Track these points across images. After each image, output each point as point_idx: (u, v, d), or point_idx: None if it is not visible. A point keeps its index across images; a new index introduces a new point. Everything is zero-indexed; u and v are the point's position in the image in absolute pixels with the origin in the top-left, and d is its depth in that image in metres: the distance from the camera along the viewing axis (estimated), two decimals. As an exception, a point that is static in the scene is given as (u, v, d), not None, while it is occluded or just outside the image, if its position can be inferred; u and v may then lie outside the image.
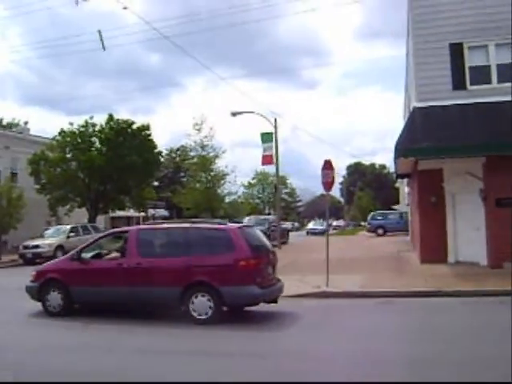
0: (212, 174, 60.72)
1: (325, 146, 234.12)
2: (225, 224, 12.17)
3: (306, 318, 11.34)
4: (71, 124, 40.29)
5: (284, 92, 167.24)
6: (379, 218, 46.05)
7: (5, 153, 42.54)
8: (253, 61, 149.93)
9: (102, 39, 17.29)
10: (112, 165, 38.12)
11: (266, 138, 33.94)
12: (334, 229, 73.37)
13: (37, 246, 30.14)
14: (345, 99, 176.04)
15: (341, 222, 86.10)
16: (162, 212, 72.30)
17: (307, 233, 62.98)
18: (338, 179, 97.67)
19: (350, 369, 7.32)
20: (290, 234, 47.36)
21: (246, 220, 40.30)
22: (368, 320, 10.96)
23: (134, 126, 40.02)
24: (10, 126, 63.10)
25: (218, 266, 10.85)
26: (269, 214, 78.80)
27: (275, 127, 33.95)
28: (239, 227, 11.75)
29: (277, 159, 34.36)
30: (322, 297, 13.36)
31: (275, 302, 11.74)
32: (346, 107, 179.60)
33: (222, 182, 61.89)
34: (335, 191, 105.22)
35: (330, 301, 13.11)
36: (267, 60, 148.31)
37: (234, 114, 34.72)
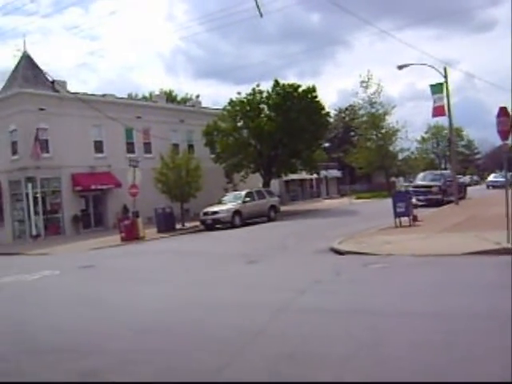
0: (383, 131, 59.74)
1: (506, 92, 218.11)
2: None
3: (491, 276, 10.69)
4: (239, 93, 41.58)
5: (455, 38, 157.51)
6: None
7: (180, 126, 45.03)
8: (417, 8, 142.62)
9: (258, 6, 17.29)
10: (281, 129, 38.64)
11: (436, 88, 32.29)
12: (518, 180, 68.62)
13: (216, 212, 31.50)
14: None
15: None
16: (335, 173, 72.28)
17: (487, 186, 59.63)
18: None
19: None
20: (469, 188, 45.09)
21: (420, 176, 39.12)
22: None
23: (300, 90, 40.06)
24: (184, 100, 66.36)
25: None
26: (445, 168, 75.83)
27: (445, 77, 32.20)
28: None
29: (449, 110, 32.65)
30: (503, 254, 12.47)
31: None
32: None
33: (394, 138, 60.69)
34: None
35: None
36: (433, 5, 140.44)
37: (400, 67, 33.39)
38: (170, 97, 63.90)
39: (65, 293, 13.15)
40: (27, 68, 37.81)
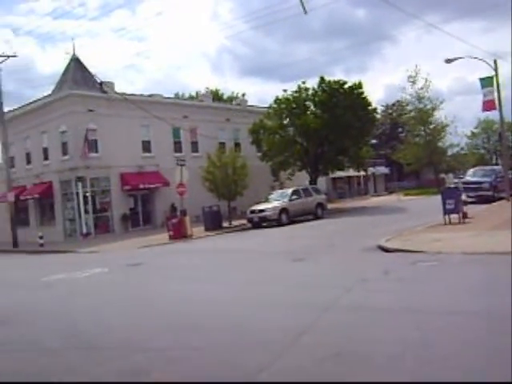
0: (431, 126, 58.83)
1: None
2: None
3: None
4: (285, 91, 41.47)
5: (505, 29, 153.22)
6: None
7: (227, 125, 45.26)
8: (464, 0, 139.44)
9: (302, 2, 17.18)
10: (327, 126, 38.40)
11: (486, 82, 31.51)
12: None
13: (262, 210, 31.51)
14: None
15: None
16: (382, 170, 71.57)
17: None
18: None
19: None
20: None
21: (471, 172, 38.35)
22: None
23: (346, 86, 39.72)
24: (230, 99, 66.61)
25: None
26: (496, 164, 74.16)
27: (495, 70, 31.42)
28: None
29: (500, 104, 31.86)
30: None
31: None
32: None
33: (443, 134, 59.70)
34: None
35: None
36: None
37: (448, 61, 32.71)
38: (216, 96, 64.18)
39: (113, 290, 13.38)
40: (76, 70, 38.56)
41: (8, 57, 36.15)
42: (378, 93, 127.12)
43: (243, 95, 68.28)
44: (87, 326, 9.26)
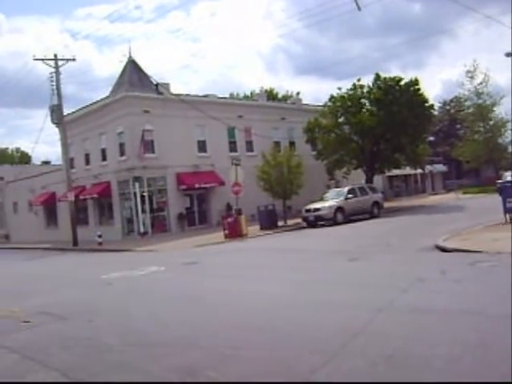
0: (491, 122, 57.39)
1: None
2: None
3: None
4: (340, 89, 41.12)
5: None
6: None
7: (281, 124, 45.25)
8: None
9: (356, -1, 17.01)
10: (383, 124, 37.92)
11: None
12: None
13: (318, 209, 31.34)
14: None
15: None
16: (440, 167, 70.24)
17: None
18: None
19: None
20: None
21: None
22: None
23: (402, 82, 39.10)
24: (284, 98, 66.56)
25: None
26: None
27: (559, 63, 30.49)
28: None
29: None
30: None
31: None
32: None
33: (503, 130, 58.16)
34: None
35: None
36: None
37: (508, 55, 31.93)
38: (270, 95, 64.24)
39: (169, 288, 13.57)
40: (133, 72, 39.22)
41: (67, 60, 37.06)
42: (435, 89, 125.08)
43: (298, 94, 68.18)
44: (143, 323, 9.42)
